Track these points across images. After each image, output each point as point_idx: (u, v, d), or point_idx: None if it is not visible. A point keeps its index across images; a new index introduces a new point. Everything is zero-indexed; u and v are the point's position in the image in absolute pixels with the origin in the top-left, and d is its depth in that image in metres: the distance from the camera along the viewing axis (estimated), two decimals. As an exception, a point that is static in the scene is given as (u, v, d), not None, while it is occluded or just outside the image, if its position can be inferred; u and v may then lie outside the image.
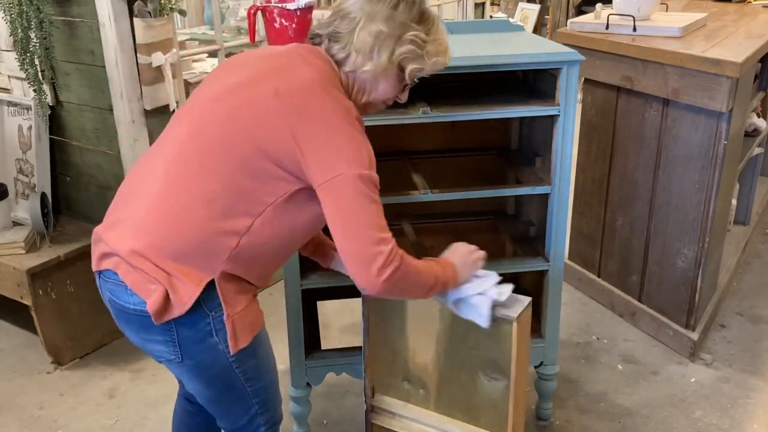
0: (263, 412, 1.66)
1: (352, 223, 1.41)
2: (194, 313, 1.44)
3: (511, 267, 2.30)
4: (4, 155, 2.96)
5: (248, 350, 1.54)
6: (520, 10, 6.77)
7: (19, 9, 2.50)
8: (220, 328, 1.48)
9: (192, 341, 1.48)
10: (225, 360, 1.51)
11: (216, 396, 1.60)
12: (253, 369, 1.58)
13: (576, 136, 2.30)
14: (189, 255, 1.43)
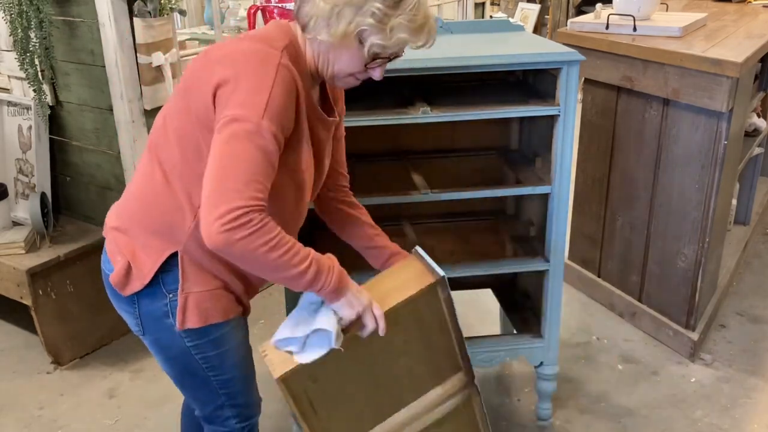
0: (232, 404, 1.65)
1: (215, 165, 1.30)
2: (154, 291, 1.49)
3: (511, 267, 2.31)
4: (4, 155, 2.96)
5: (210, 339, 1.54)
6: (520, 10, 6.77)
7: (19, 9, 2.50)
8: (173, 312, 1.50)
9: (151, 318, 1.52)
10: (182, 343, 1.53)
11: (179, 378, 1.64)
12: (215, 359, 1.57)
13: (576, 136, 2.30)
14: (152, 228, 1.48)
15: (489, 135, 2.52)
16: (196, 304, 1.50)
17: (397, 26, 1.38)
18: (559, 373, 2.50)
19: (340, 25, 1.37)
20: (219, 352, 1.57)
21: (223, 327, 1.55)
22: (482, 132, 2.49)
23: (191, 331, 1.52)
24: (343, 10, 1.37)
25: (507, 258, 2.40)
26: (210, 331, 1.53)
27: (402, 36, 1.40)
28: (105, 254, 1.57)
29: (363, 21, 1.37)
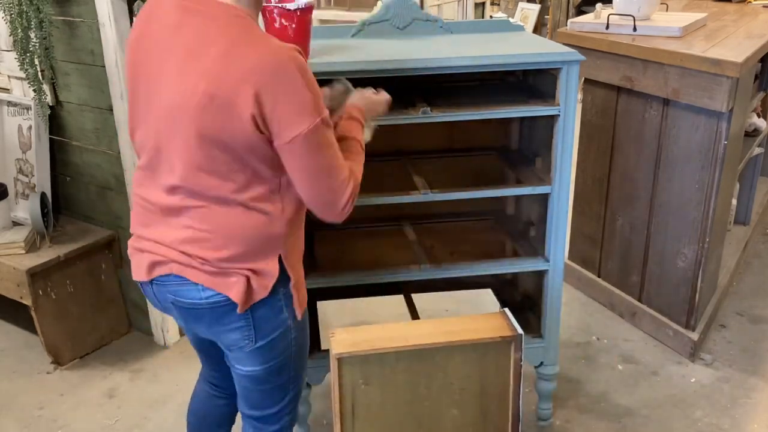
0: (293, 400, 1.70)
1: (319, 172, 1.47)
2: (273, 297, 1.54)
3: (511, 267, 2.31)
4: (4, 155, 2.96)
5: (303, 329, 1.64)
6: (520, 10, 6.77)
7: (19, 9, 2.50)
8: (288, 304, 1.57)
9: (267, 319, 1.55)
10: (289, 335, 1.60)
11: (265, 377, 1.63)
12: (303, 347, 1.67)
13: (576, 136, 2.30)
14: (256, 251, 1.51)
15: (489, 135, 2.52)
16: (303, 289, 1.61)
17: None
18: (559, 373, 2.50)
19: None
20: (305, 343, 1.67)
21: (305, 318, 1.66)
22: (482, 132, 2.49)
23: (296, 321, 1.60)
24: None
25: (507, 258, 2.41)
26: (303, 318, 1.64)
27: None
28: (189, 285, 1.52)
29: None
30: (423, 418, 1.66)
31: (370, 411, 1.61)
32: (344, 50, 2.05)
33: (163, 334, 2.92)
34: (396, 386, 1.60)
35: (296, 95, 1.36)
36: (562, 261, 2.20)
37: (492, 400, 1.67)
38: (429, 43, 2.14)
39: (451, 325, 1.64)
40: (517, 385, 1.66)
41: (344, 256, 2.40)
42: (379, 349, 1.56)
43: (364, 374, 1.58)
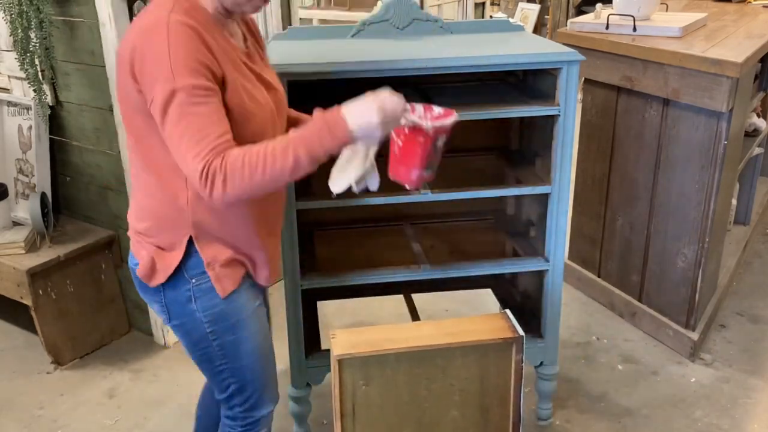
0: (239, 393, 1.71)
1: (170, 146, 1.39)
2: (176, 278, 1.56)
3: (511, 267, 2.31)
4: (4, 155, 2.96)
5: (228, 326, 1.61)
6: (520, 10, 6.77)
7: (19, 9, 2.50)
8: (199, 296, 1.57)
9: (175, 303, 1.59)
10: (202, 329, 1.60)
11: (198, 362, 1.70)
12: (231, 345, 1.63)
13: (576, 136, 2.30)
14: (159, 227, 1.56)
15: (489, 135, 2.52)
16: (225, 273, 1.57)
17: None
18: (559, 373, 2.50)
19: None
20: (236, 338, 1.63)
21: (241, 311, 1.62)
22: (482, 132, 2.49)
23: (212, 314, 1.59)
24: None
25: (507, 258, 2.41)
26: (228, 315, 1.60)
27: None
28: (130, 251, 1.67)
29: None
30: (423, 419, 1.66)
31: (371, 412, 1.61)
32: (344, 50, 2.05)
33: (163, 334, 2.92)
34: (396, 387, 1.61)
35: (156, 59, 1.36)
36: (562, 261, 2.20)
37: (492, 401, 1.67)
38: (429, 43, 2.14)
39: (452, 326, 1.64)
40: (518, 387, 1.66)
41: (344, 256, 2.40)
42: (380, 351, 1.56)
43: (365, 375, 1.58)
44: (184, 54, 1.35)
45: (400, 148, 1.59)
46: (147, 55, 1.37)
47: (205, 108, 1.36)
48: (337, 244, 2.48)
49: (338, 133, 1.40)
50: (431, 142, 1.58)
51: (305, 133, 1.40)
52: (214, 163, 1.34)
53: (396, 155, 1.61)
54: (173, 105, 1.35)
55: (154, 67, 1.36)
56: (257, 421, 1.76)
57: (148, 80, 1.37)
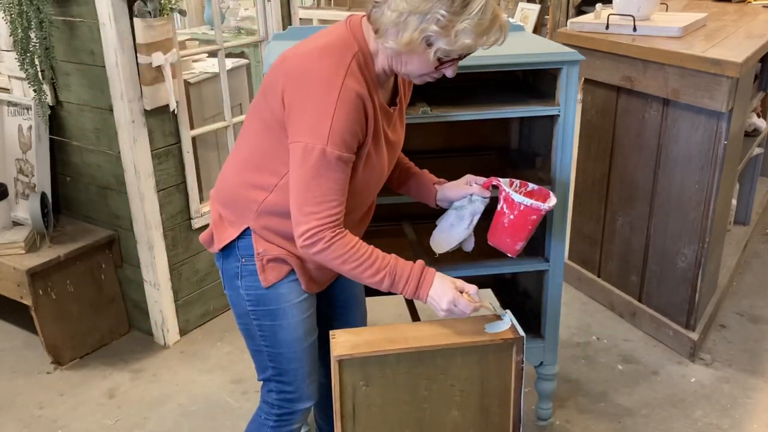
0: (277, 379, 1.76)
1: (294, 188, 1.50)
2: (230, 254, 1.68)
3: (511, 267, 2.31)
4: (4, 155, 2.96)
5: (269, 309, 1.67)
6: (520, 10, 6.77)
7: (19, 9, 2.50)
8: (245, 275, 1.66)
9: (227, 277, 1.71)
10: (244, 306, 1.69)
11: (244, 337, 1.77)
12: (269, 329, 1.70)
13: (576, 136, 2.30)
14: (230, 204, 1.66)
15: (489, 135, 2.52)
16: (272, 266, 1.65)
17: (462, 31, 1.41)
18: (559, 373, 2.50)
19: (406, 33, 1.42)
20: (274, 324, 1.69)
21: (282, 300, 1.67)
22: (482, 132, 2.49)
23: (254, 296, 1.67)
24: (408, 18, 1.41)
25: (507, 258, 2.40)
26: (269, 301, 1.67)
27: (467, 41, 1.43)
28: None
29: (428, 28, 1.41)
30: (423, 420, 1.66)
31: (371, 412, 1.61)
32: (344, 50, 2.04)
33: (163, 334, 2.92)
34: (397, 388, 1.60)
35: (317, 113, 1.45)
36: (562, 261, 2.20)
37: (493, 401, 1.67)
38: (429, 43, 2.14)
39: (452, 326, 1.64)
40: (518, 388, 1.66)
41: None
42: (380, 351, 1.56)
43: (365, 376, 1.58)
44: (343, 126, 1.45)
45: (511, 221, 1.74)
46: (309, 104, 1.45)
47: (338, 177, 1.48)
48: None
49: (420, 292, 1.57)
50: (540, 219, 1.75)
51: (401, 270, 1.55)
52: (326, 231, 1.49)
53: (505, 226, 1.76)
54: (316, 162, 1.45)
55: (312, 118, 1.45)
56: (292, 413, 1.80)
57: (300, 123, 1.46)
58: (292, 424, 1.82)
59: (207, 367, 2.80)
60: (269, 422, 1.81)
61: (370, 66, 1.52)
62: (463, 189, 1.79)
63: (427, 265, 1.60)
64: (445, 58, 1.47)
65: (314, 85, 1.45)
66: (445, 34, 1.41)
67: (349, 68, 1.47)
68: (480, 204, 1.78)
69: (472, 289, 1.58)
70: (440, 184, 1.85)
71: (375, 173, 1.62)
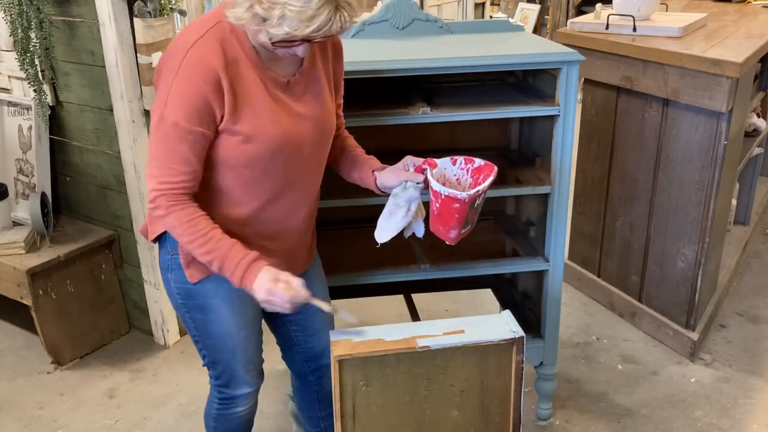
0: (212, 366, 1.81)
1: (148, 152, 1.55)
2: (163, 245, 1.69)
3: (511, 267, 2.31)
4: (4, 155, 2.96)
5: (196, 305, 1.69)
6: (520, 10, 6.77)
7: (19, 9, 2.50)
8: (174, 268, 1.67)
9: (161, 268, 1.73)
10: (176, 298, 1.72)
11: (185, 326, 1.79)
12: (200, 322, 1.73)
13: (576, 136, 2.30)
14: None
15: (489, 135, 2.52)
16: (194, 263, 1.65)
17: (285, 17, 1.40)
18: (559, 373, 2.50)
19: (238, 9, 1.44)
20: (204, 318, 1.72)
21: (209, 296, 1.68)
22: (482, 132, 2.49)
23: (183, 290, 1.69)
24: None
25: (507, 258, 2.40)
26: (197, 295, 1.68)
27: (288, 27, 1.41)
28: None
29: (254, 7, 1.42)
30: (423, 420, 1.66)
31: (371, 412, 1.61)
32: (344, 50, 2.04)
33: (163, 334, 2.92)
34: (396, 387, 1.61)
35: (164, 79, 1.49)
36: (562, 261, 2.20)
37: (493, 401, 1.67)
38: (429, 43, 2.14)
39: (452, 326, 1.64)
40: (518, 388, 1.66)
41: (344, 256, 2.39)
42: (380, 351, 1.57)
43: (365, 376, 1.58)
44: (183, 93, 1.46)
45: (438, 209, 1.67)
46: (160, 74, 1.51)
47: (176, 144, 1.48)
48: (337, 244, 2.47)
49: (244, 283, 1.55)
50: (467, 207, 1.65)
51: (231, 258, 1.54)
52: (161, 199, 1.52)
53: (435, 215, 1.69)
54: (155, 126, 1.50)
55: (161, 86, 1.50)
56: (232, 398, 1.85)
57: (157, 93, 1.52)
58: (236, 407, 1.87)
59: (207, 367, 2.80)
60: (215, 404, 1.88)
61: (242, 38, 1.51)
62: (399, 175, 1.71)
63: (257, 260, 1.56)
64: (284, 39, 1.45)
65: (166, 55, 1.51)
66: (269, 16, 1.41)
67: (201, 38, 1.47)
68: (414, 190, 1.69)
69: (295, 282, 1.56)
70: (380, 170, 1.77)
71: (277, 147, 1.56)
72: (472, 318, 1.70)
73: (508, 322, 1.67)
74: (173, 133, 1.48)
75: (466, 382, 1.63)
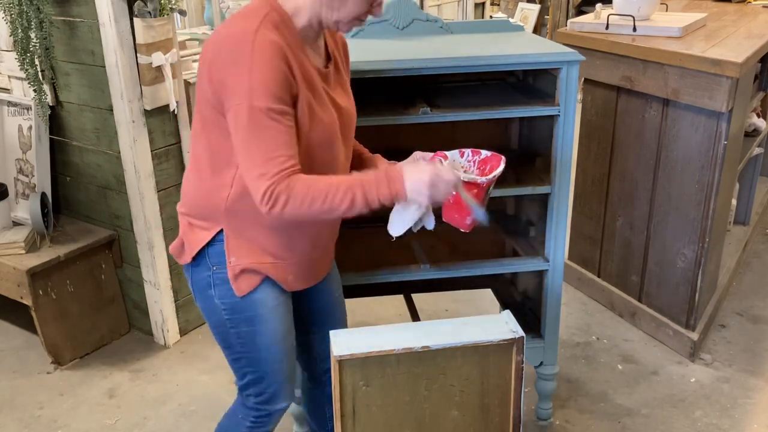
0: (255, 383, 1.74)
1: (239, 156, 1.45)
2: (201, 264, 1.63)
3: (511, 267, 2.31)
4: (4, 155, 2.96)
5: (245, 316, 1.65)
6: (520, 10, 6.77)
7: (19, 9, 2.50)
8: (218, 284, 1.62)
9: (198, 287, 1.67)
10: (220, 315, 1.66)
11: (221, 346, 1.74)
12: (247, 335, 1.67)
13: (576, 136, 2.30)
14: (199, 211, 1.62)
15: (489, 135, 2.52)
16: (244, 275, 1.62)
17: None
18: (559, 373, 2.50)
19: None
20: (251, 330, 1.67)
21: (258, 306, 1.65)
22: (482, 132, 2.49)
23: (229, 304, 1.64)
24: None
25: (507, 258, 2.40)
26: (245, 308, 1.64)
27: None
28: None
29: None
30: (423, 420, 1.66)
31: (371, 412, 1.61)
32: (344, 50, 2.04)
33: (163, 334, 2.92)
34: (396, 387, 1.61)
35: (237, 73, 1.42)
36: (562, 261, 2.20)
37: (493, 401, 1.67)
38: (429, 43, 2.14)
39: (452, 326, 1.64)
40: (518, 388, 1.66)
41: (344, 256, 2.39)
42: (380, 351, 1.56)
43: (365, 376, 1.58)
44: (265, 76, 1.41)
45: (455, 197, 1.66)
46: (228, 67, 1.42)
47: (276, 130, 1.42)
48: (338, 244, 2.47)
49: (394, 188, 1.50)
50: (485, 193, 1.68)
51: (366, 178, 1.49)
52: (280, 185, 1.42)
53: (450, 203, 1.69)
54: (247, 121, 1.41)
55: (234, 80, 1.42)
56: (270, 414, 1.79)
57: (227, 91, 1.43)
58: (270, 425, 1.82)
59: (207, 367, 2.80)
60: (246, 422, 1.80)
61: (290, 25, 1.50)
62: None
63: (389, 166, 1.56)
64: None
65: (228, 47, 1.44)
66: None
67: (261, 23, 1.44)
68: None
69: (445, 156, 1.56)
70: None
71: (325, 133, 1.56)
72: (472, 318, 1.70)
73: (508, 322, 1.67)
74: (268, 120, 1.41)
75: (466, 382, 1.63)
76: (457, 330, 1.63)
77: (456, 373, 1.61)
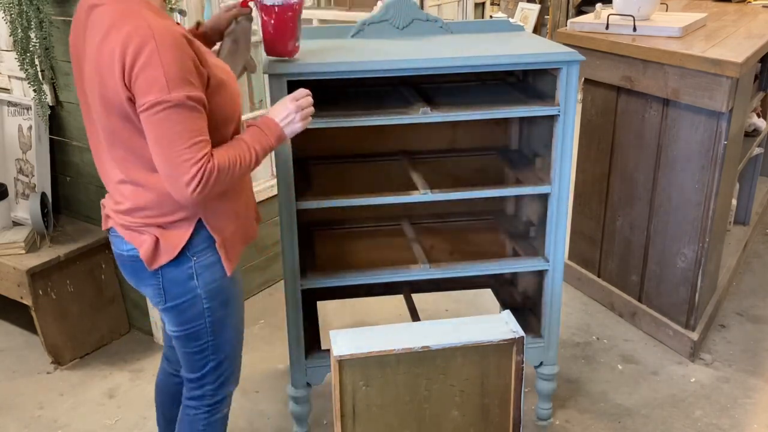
0: (214, 370, 1.78)
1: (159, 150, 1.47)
2: (180, 259, 1.62)
3: (511, 267, 2.31)
4: (4, 155, 2.96)
5: (221, 301, 1.69)
6: (520, 10, 6.77)
7: (19, 9, 2.50)
8: (200, 272, 1.64)
9: (175, 283, 1.65)
10: (200, 306, 1.67)
11: (184, 342, 1.74)
12: (220, 321, 1.71)
13: (576, 136, 2.30)
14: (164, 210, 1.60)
15: (489, 135, 2.52)
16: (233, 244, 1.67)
17: None
18: (559, 373, 2.49)
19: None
20: (224, 313, 1.72)
21: (233, 285, 1.71)
22: (482, 132, 2.49)
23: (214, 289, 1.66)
24: None
25: (507, 258, 2.40)
26: (224, 289, 1.69)
27: None
28: (118, 238, 1.68)
29: None
30: (423, 420, 1.66)
31: (371, 412, 1.62)
32: (344, 50, 2.05)
33: (163, 334, 2.92)
34: (396, 387, 1.61)
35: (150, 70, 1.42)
36: (562, 261, 2.20)
37: (493, 401, 1.67)
38: (429, 43, 2.14)
39: (452, 326, 1.65)
40: (518, 388, 1.66)
41: (344, 256, 2.40)
42: (380, 351, 1.57)
43: (365, 376, 1.58)
44: (176, 66, 1.43)
45: (274, 26, 1.81)
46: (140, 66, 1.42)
47: (192, 118, 1.46)
48: (337, 244, 2.48)
49: (273, 129, 1.62)
50: (298, 14, 1.81)
51: (253, 133, 1.60)
52: (205, 166, 1.46)
53: (272, 34, 1.82)
54: (165, 114, 1.43)
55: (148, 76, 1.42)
56: (223, 399, 1.84)
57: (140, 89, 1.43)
58: (224, 407, 1.86)
59: (207, 367, 2.80)
60: (201, 413, 1.83)
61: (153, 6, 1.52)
62: (225, 15, 1.82)
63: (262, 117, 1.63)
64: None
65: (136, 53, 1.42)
66: None
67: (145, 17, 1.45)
68: (246, 22, 1.84)
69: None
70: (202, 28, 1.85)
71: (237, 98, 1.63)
72: (472, 318, 1.70)
73: (508, 322, 1.67)
74: (188, 109, 1.44)
75: (466, 382, 1.63)
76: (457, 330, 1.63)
77: (456, 373, 1.61)
